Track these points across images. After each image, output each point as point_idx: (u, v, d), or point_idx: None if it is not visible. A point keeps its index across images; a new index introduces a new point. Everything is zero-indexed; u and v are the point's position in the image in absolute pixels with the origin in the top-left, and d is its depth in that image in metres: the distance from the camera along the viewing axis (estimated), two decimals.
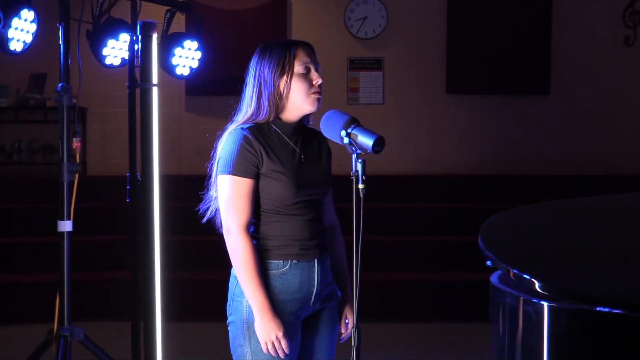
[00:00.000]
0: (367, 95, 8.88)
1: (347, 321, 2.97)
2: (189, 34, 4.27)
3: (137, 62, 4.18)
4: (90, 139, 8.90)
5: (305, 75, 2.81)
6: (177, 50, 4.19)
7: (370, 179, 8.32)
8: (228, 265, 2.80)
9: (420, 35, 8.85)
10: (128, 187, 3.07)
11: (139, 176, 3.06)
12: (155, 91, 3.05)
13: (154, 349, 2.91)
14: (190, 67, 4.30)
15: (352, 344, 2.56)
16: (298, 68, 2.79)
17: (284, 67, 2.79)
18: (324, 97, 9.52)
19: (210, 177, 2.89)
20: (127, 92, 3.02)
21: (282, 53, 2.80)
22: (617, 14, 8.72)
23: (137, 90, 3.23)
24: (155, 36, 2.93)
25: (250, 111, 2.82)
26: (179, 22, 8.48)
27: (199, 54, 4.29)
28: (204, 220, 2.91)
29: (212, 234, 2.96)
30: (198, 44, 4.26)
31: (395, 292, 6.92)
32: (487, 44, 8.69)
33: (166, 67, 4.20)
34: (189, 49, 4.24)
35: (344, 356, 2.63)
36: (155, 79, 3.04)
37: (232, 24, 8.67)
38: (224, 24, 8.68)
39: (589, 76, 8.75)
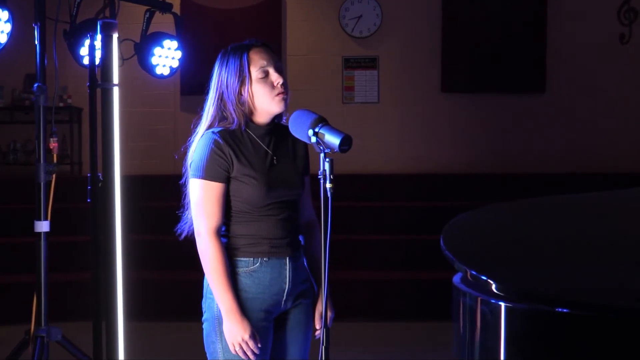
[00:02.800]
0: (362, 94, 8.87)
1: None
2: (169, 33, 4.26)
3: (121, 62, 4.21)
4: (85, 139, 8.90)
5: (265, 79, 2.81)
6: (157, 50, 4.19)
7: (367, 179, 8.32)
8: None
9: (415, 34, 8.84)
10: (89, 187, 3.07)
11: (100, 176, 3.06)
12: (116, 91, 3.04)
13: (116, 349, 2.91)
14: (171, 67, 4.30)
15: (321, 344, 2.55)
16: (255, 74, 2.80)
17: (241, 75, 2.79)
18: (319, 96, 9.53)
19: (185, 195, 2.90)
20: (88, 92, 3.02)
21: (237, 61, 2.80)
22: (612, 11, 8.68)
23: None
24: (116, 36, 2.92)
25: (212, 118, 2.83)
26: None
27: (179, 54, 4.28)
28: (182, 238, 2.94)
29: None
30: (178, 43, 4.26)
31: (385, 290, 6.91)
32: (482, 41, 8.66)
33: (146, 66, 4.21)
34: (169, 48, 4.24)
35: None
36: (116, 78, 3.04)
37: (227, 23, 8.68)
38: (219, 23, 8.69)
39: (584, 74, 8.72)
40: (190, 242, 2.86)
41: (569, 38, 8.70)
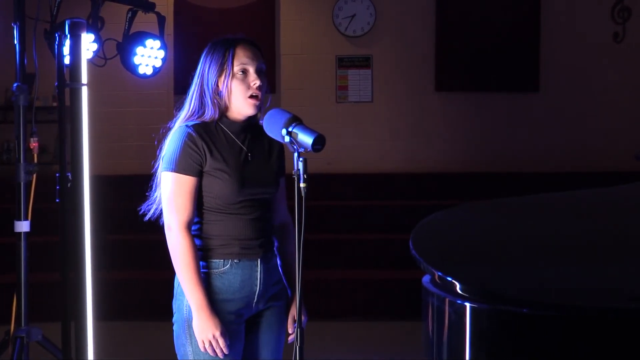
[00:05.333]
0: (355, 93, 8.85)
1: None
2: (152, 32, 4.25)
3: (104, 62, 4.20)
4: None
5: (243, 78, 2.80)
6: (139, 50, 4.17)
7: (360, 178, 8.29)
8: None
9: (408, 33, 8.82)
10: (57, 187, 3.07)
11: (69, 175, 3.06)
12: (84, 90, 3.03)
13: (85, 349, 2.91)
14: (154, 67, 4.27)
15: (295, 344, 2.54)
16: (235, 69, 2.80)
17: (222, 68, 2.80)
18: (312, 95, 9.49)
19: (155, 176, 2.90)
20: (57, 91, 3.02)
21: (221, 53, 2.81)
22: (606, 10, 8.66)
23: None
24: (84, 35, 2.92)
25: (194, 109, 2.84)
26: (168, 22, 8.47)
27: (162, 53, 4.26)
28: (146, 219, 2.93)
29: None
30: (161, 42, 4.24)
31: (379, 290, 6.90)
32: (475, 40, 8.64)
33: (128, 66, 4.19)
34: (152, 48, 4.22)
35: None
36: (84, 78, 3.03)
37: (220, 23, 8.67)
38: (213, 23, 8.68)
39: (578, 73, 8.70)
40: None
41: (562, 37, 8.68)
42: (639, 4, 8.61)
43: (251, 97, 2.79)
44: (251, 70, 2.81)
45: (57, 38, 3.00)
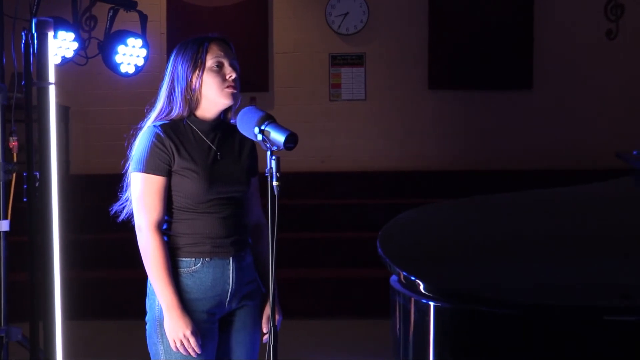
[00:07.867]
0: (349, 91, 8.84)
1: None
2: (133, 31, 4.25)
3: (85, 60, 4.19)
4: (72, 138, 8.89)
5: (218, 70, 2.79)
6: (121, 48, 4.17)
7: (353, 176, 8.24)
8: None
9: (401, 31, 8.81)
10: (25, 186, 3.06)
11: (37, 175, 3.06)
12: (52, 89, 3.03)
13: (53, 348, 2.90)
14: (136, 65, 4.28)
15: (269, 343, 2.54)
16: (210, 62, 2.79)
17: (196, 62, 2.79)
18: (305, 93, 9.48)
19: (125, 177, 2.89)
20: (24, 90, 3.02)
21: (194, 48, 2.81)
22: (599, 7, 8.65)
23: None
24: (51, 34, 2.91)
25: (163, 107, 2.83)
26: (161, 20, 8.48)
27: (144, 52, 4.27)
28: (120, 219, 2.93)
29: None
30: (142, 41, 4.24)
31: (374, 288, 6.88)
32: (469, 38, 8.63)
33: (110, 65, 4.20)
34: (134, 46, 4.22)
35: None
36: (52, 77, 3.02)
37: (213, 21, 8.65)
38: (206, 21, 8.66)
39: (571, 70, 8.69)
40: None
41: (556, 34, 8.66)
42: (633, 0, 8.58)
43: (227, 87, 2.78)
44: (226, 63, 2.80)
45: (24, 37, 2.99)
